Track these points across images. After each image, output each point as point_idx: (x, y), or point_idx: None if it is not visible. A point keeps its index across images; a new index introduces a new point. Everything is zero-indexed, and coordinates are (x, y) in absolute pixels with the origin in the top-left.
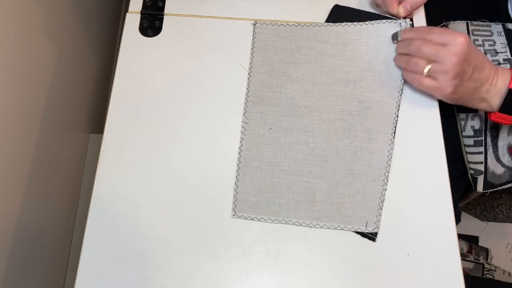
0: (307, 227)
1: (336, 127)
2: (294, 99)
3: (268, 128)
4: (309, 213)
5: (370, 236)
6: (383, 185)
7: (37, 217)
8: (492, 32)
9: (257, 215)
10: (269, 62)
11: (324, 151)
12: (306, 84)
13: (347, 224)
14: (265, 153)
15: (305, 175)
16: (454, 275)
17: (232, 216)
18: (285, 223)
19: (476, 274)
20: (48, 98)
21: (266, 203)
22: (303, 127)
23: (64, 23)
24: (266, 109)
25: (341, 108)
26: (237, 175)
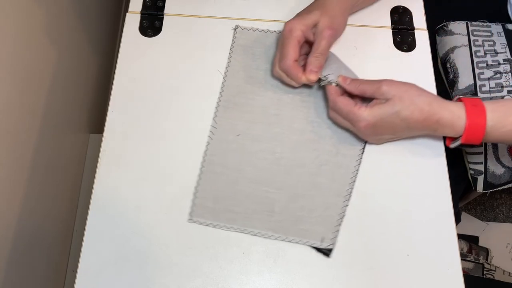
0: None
1: (305, 139)
2: (266, 107)
3: (236, 135)
4: (265, 223)
5: (325, 251)
6: (345, 201)
7: (37, 217)
8: (492, 33)
9: (213, 221)
10: (245, 68)
11: (290, 161)
12: (280, 93)
13: (302, 238)
14: (230, 159)
15: (267, 184)
16: (454, 275)
17: (188, 221)
18: (240, 231)
19: (476, 274)
20: (48, 98)
21: (223, 210)
22: (272, 136)
23: (64, 23)
24: (237, 115)
25: (312, 120)
26: (198, 180)
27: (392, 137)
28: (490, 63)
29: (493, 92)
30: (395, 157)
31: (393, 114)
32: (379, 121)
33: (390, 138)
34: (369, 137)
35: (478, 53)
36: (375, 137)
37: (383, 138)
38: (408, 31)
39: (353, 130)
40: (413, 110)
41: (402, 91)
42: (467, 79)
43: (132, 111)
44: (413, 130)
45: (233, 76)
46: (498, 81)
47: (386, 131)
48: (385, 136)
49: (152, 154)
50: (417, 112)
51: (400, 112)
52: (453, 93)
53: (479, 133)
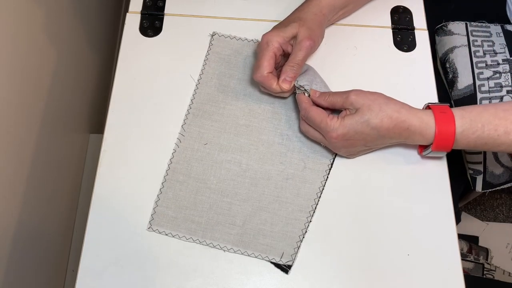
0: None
1: (272, 151)
2: (236, 117)
3: (203, 143)
4: (226, 235)
5: (284, 268)
6: (308, 217)
7: (37, 217)
8: (491, 33)
9: (172, 231)
10: (219, 76)
11: (256, 173)
12: (252, 103)
13: (261, 253)
14: (194, 168)
15: (230, 196)
16: (454, 275)
17: (147, 229)
18: (199, 243)
19: (476, 274)
20: (48, 98)
21: (184, 219)
22: (239, 146)
23: (64, 23)
24: (206, 123)
25: (281, 132)
26: (161, 187)
27: (364, 149)
28: (489, 63)
29: (492, 92)
30: (396, 158)
31: (363, 123)
32: (350, 131)
33: (363, 150)
34: (341, 149)
35: (477, 53)
36: (346, 149)
37: (355, 150)
38: (408, 31)
39: (324, 143)
40: (382, 118)
41: (370, 100)
42: (466, 79)
43: (132, 111)
44: (384, 138)
45: (205, 84)
46: (497, 81)
47: (357, 142)
48: (357, 148)
49: (152, 154)
50: (386, 120)
51: (369, 120)
52: (453, 93)
53: (449, 140)
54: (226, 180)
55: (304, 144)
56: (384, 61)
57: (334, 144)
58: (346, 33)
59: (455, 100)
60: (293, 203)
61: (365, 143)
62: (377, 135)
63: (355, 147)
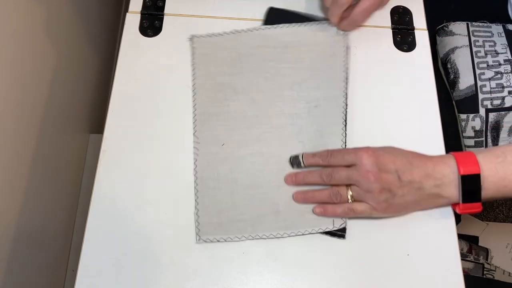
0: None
1: (288, 133)
2: (243, 111)
3: (220, 145)
4: (275, 223)
5: (340, 234)
6: None
7: (37, 217)
8: (493, 33)
9: (223, 236)
10: (212, 76)
11: (280, 158)
12: (252, 93)
13: (314, 227)
14: (221, 171)
15: (264, 186)
16: (454, 275)
17: (197, 242)
18: (252, 238)
19: (476, 274)
20: (48, 98)
21: (229, 221)
22: (255, 137)
23: (64, 23)
24: (216, 125)
25: (290, 112)
26: (196, 198)
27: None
28: (490, 64)
29: (493, 92)
30: None
31: (390, 147)
32: (380, 150)
33: (394, 191)
34: (375, 183)
35: (478, 54)
36: (380, 182)
37: (391, 183)
38: (408, 31)
39: (353, 181)
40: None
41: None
42: (467, 80)
43: (132, 111)
44: (413, 167)
45: (201, 87)
46: (499, 81)
47: (392, 164)
48: (392, 180)
49: (152, 154)
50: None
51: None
52: (454, 93)
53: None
54: (255, 173)
55: (314, 117)
56: (384, 61)
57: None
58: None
59: (456, 101)
60: None
61: (400, 176)
62: (406, 160)
63: (387, 173)
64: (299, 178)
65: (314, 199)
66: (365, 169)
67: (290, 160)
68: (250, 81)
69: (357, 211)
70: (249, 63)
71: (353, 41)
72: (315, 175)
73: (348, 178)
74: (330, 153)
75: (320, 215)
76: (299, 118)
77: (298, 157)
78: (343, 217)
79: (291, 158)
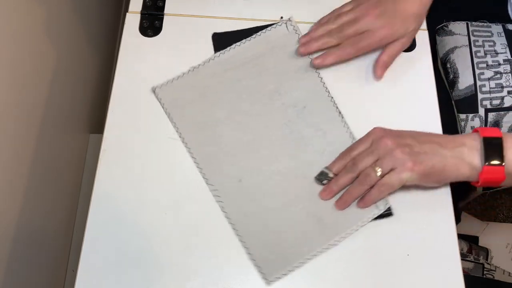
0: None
1: (290, 142)
2: (238, 138)
3: (238, 181)
4: (324, 233)
5: (386, 213)
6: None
7: (37, 217)
8: (492, 33)
9: (287, 267)
10: (191, 118)
11: (297, 170)
12: (238, 118)
13: (361, 218)
14: (250, 207)
15: (299, 202)
16: (454, 275)
17: (269, 284)
18: (317, 255)
19: (476, 274)
20: (48, 98)
21: (282, 252)
22: (265, 159)
23: (64, 23)
24: (221, 163)
25: (282, 122)
26: (242, 244)
27: (414, 147)
28: (490, 64)
29: (493, 92)
30: None
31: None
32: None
33: (413, 148)
34: (393, 143)
35: (478, 54)
36: (398, 140)
37: (409, 145)
38: None
39: (375, 155)
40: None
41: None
42: (467, 79)
43: (132, 111)
44: (430, 134)
45: (187, 132)
46: (498, 81)
47: (406, 133)
48: (409, 141)
49: (152, 154)
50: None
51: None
52: (453, 93)
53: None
54: (280, 194)
55: (306, 117)
56: None
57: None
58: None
59: (455, 101)
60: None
61: (415, 137)
62: (422, 132)
63: (403, 137)
64: (332, 187)
65: (352, 196)
66: (382, 140)
67: (317, 179)
68: (230, 107)
69: (389, 183)
70: (221, 91)
71: None
72: (343, 174)
73: (371, 157)
74: (348, 150)
75: (364, 207)
76: (294, 124)
77: (323, 172)
78: (382, 198)
79: (316, 178)
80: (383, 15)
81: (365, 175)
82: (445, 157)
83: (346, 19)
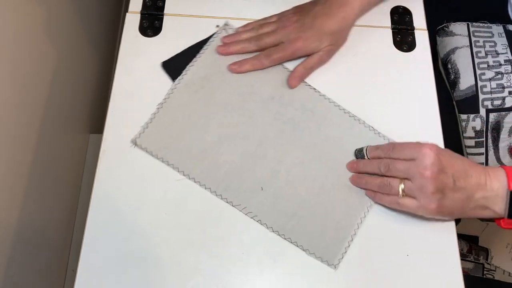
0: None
1: (289, 131)
2: (241, 152)
3: (260, 191)
4: (357, 199)
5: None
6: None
7: (37, 217)
8: (493, 34)
9: (343, 243)
10: (186, 153)
11: (308, 153)
12: (229, 132)
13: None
14: (284, 207)
15: (321, 184)
16: (454, 275)
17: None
18: (360, 224)
19: (476, 274)
20: (48, 98)
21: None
22: (275, 159)
23: (64, 23)
24: (238, 183)
25: (271, 117)
26: (294, 245)
27: (447, 193)
28: (491, 64)
29: (494, 92)
30: None
31: (449, 150)
32: (442, 150)
33: (446, 193)
34: (430, 181)
35: (479, 54)
36: (436, 181)
37: (446, 184)
38: (408, 31)
39: (410, 175)
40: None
41: None
42: (468, 80)
43: (132, 111)
44: (463, 179)
45: (190, 168)
46: (499, 82)
47: (451, 167)
48: (448, 182)
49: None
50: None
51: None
52: (454, 93)
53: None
54: (304, 182)
55: (318, 124)
56: (384, 61)
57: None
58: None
59: (456, 101)
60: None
61: (455, 181)
62: (463, 167)
63: (445, 174)
64: (359, 165)
65: (366, 185)
66: (424, 166)
67: (355, 152)
68: (217, 125)
69: (404, 205)
70: (200, 114)
71: (353, 41)
72: (374, 164)
73: (404, 172)
74: (392, 146)
75: (370, 198)
76: (282, 114)
77: (362, 150)
78: (387, 205)
79: (356, 151)
80: (299, 29)
81: (388, 183)
82: (469, 205)
83: (266, 30)
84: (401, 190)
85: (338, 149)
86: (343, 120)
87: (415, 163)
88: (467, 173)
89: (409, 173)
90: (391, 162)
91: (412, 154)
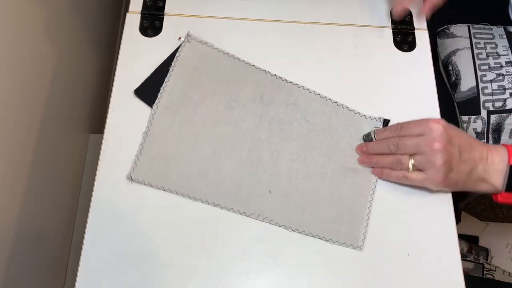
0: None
1: (278, 128)
2: (237, 161)
3: (269, 194)
4: (365, 179)
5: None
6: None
7: (37, 217)
8: (494, 35)
9: (362, 224)
10: (187, 174)
11: (303, 145)
12: (221, 142)
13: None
14: (297, 202)
15: (325, 171)
16: (454, 275)
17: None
18: (371, 201)
19: (476, 274)
20: (48, 98)
21: (348, 216)
22: (272, 159)
23: (64, 23)
24: (244, 193)
25: (257, 119)
26: (316, 237)
27: (454, 165)
28: (492, 66)
29: (495, 94)
30: None
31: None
32: (451, 127)
33: (453, 165)
34: (439, 153)
35: (480, 56)
36: (445, 153)
37: (453, 156)
38: (408, 31)
39: (419, 149)
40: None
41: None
42: (469, 82)
43: (132, 111)
44: (471, 149)
45: (194, 190)
46: (501, 83)
47: (458, 139)
48: (455, 153)
49: None
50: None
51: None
52: (455, 95)
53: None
54: (308, 173)
55: (304, 131)
56: (384, 61)
57: (439, 140)
58: (346, 33)
59: (458, 103)
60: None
61: (461, 153)
62: (468, 140)
63: (453, 158)
64: (368, 147)
65: (377, 164)
66: (433, 138)
67: (363, 137)
68: (207, 137)
69: (411, 179)
70: (188, 131)
71: (353, 41)
72: (383, 144)
73: (413, 147)
74: (399, 126)
75: (376, 176)
76: (266, 114)
77: (370, 134)
78: (397, 180)
79: (364, 136)
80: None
81: (398, 160)
82: (471, 178)
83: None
84: (411, 165)
85: (329, 135)
86: (327, 107)
87: (424, 138)
88: (471, 145)
89: (418, 148)
90: (400, 139)
91: (420, 130)
